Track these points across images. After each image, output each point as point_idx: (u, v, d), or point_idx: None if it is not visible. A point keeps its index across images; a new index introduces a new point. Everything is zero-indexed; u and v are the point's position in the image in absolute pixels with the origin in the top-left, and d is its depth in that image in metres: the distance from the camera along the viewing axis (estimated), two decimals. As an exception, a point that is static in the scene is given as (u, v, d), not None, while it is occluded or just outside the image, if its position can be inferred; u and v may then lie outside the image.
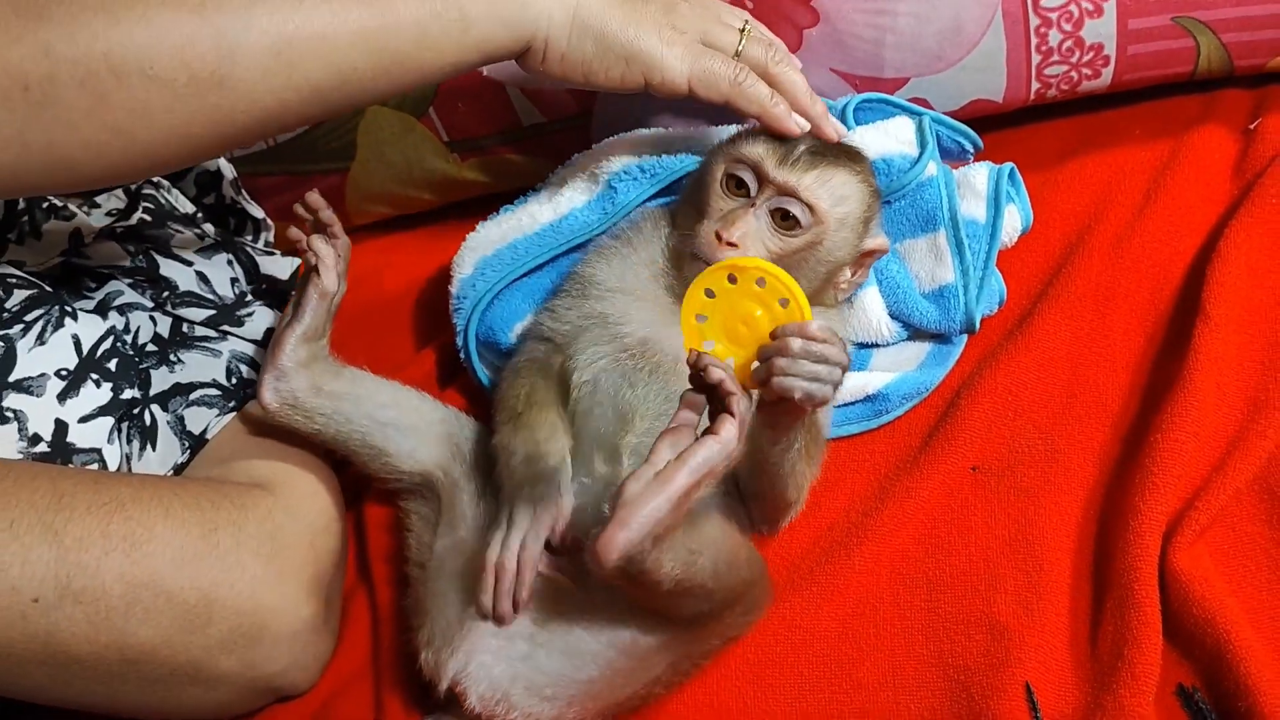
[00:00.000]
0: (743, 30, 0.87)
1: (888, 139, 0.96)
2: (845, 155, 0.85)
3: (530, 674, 0.76)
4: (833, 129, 0.87)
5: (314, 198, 0.87)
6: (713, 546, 0.70)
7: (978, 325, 0.93)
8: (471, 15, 0.79)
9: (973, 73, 1.03)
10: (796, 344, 0.66)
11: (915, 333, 0.95)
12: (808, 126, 0.85)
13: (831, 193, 0.82)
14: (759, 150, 0.82)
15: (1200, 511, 0.79)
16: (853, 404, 0.92)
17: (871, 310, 0.93)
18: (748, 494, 0.82)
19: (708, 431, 0.65)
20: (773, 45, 0.89)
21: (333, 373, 0.87)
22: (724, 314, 0.70)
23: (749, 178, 0.82)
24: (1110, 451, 0.87)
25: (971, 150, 1.01)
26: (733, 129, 0.99)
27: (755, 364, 0.69)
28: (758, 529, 0.85)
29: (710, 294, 0.70)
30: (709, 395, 0.67)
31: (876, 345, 0.95)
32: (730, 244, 0.80)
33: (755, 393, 0.69)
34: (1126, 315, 0.93)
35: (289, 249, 1.10)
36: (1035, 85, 1.04)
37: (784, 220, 0.82)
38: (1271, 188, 0.95)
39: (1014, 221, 0.97)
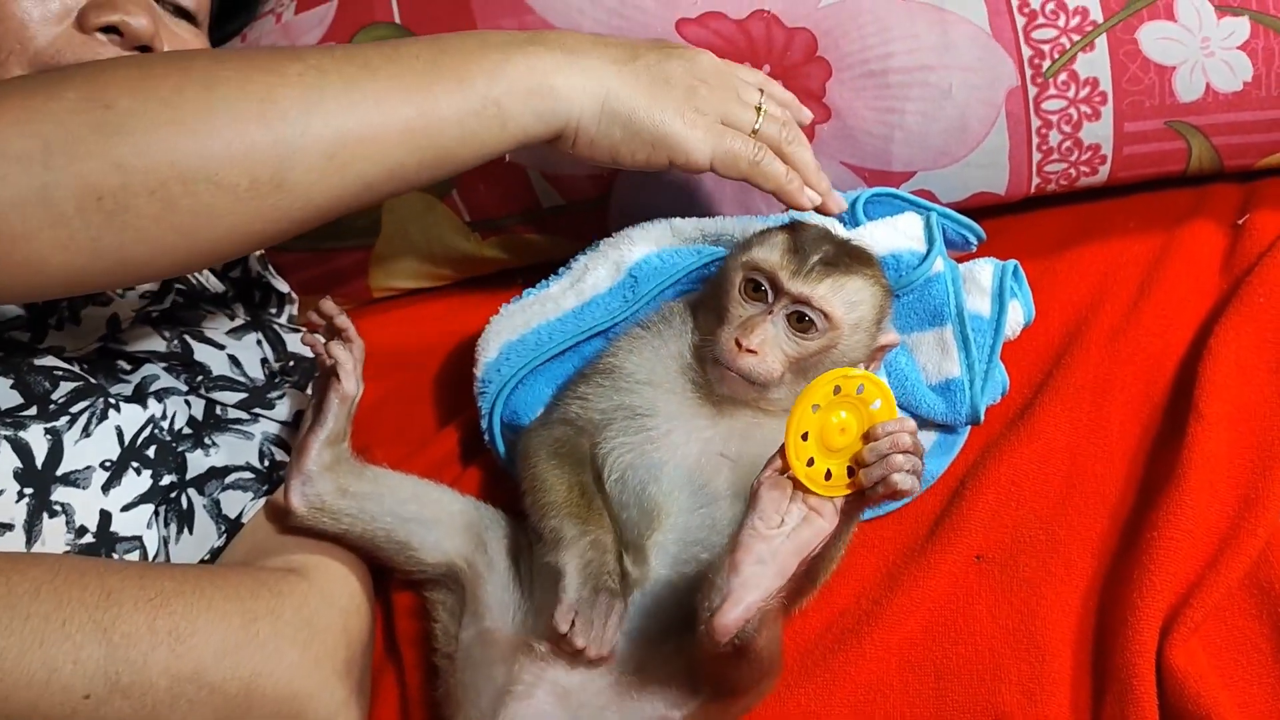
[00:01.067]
0: (759, 109, 0.93)
1: (897, 235, 1.00)
2: (857, 260, 0.88)
3: None
4: (836, 204, 0.96)
5: (328, 305, 0.91)
6: (777, 619, 0.75)
7: (982, 418, 0.97)
8: (509, 111, 0.85)
9: (976, 168, 1.07)
10: (906, 439, 0.70)
11: (922, 422, 0.99)
12: (819, 200, 0.93)
13: (845, 299, 0.86)
14: (774, 260, 0.85)
15: (1195, 608, 0.83)
16: (862, 491, 0.96)
17: (880, 402, 0.97)
18: None
19: (811, 511, 0.70)
20: (786, 124, 0.94)
21: (356, 474, 0.90)
22: (824, 425, 0.72)
23: (766, 284, 0.86)
24: (1108, 543, 0.90)
25: (975, 242, 1.05)
26: (748, 219, 1.03)
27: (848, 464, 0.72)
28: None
29: (816, 408, 0.72)
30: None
31: (884, 434, 0.99)
32: (750, 350, 0.83)
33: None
34: (1123, 407, 0.97)
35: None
36: (1036, 180, 1.08)
37: (800, 323, 0.85)
38: (1259, 286, 0.99)
39: (1017, 317, 1.01)
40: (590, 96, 0.87)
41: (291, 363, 1.07)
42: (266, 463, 0.97)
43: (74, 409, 0.87)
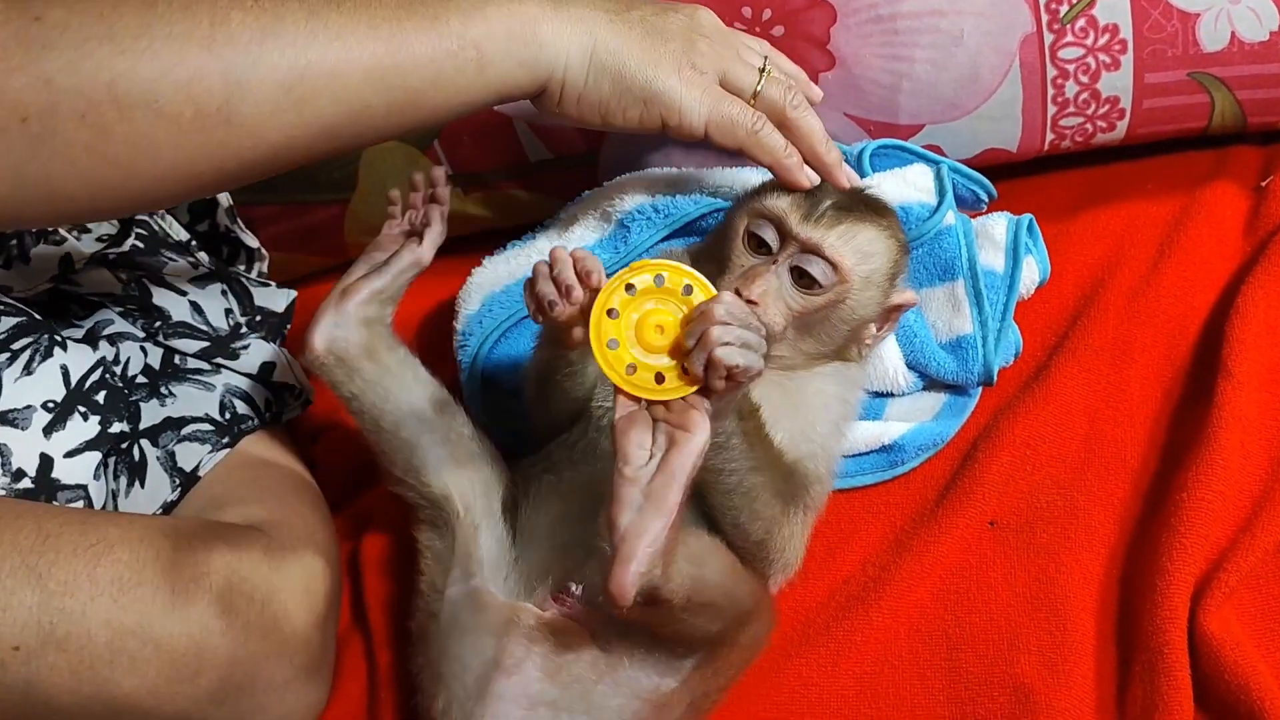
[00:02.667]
0: (762, 69, 0.85)
1: (906, 186, 0.95)
2: (872, 210, 0.83)
3: None
4: (845, 178, 0.85)
5: (439, 173, 0.87)
6: (712, 556, 0.69)
7: (995, 378, 0.91)
8: (488, 55, 0.77)
9: (988, 121, 1.02)
10: (720, 310, 0.61)
11: (931, 383, 0.93)
12: (818, 180, 0.83)
13: (856, 250, 0.80)
14: (783, 205, 0.80)
15: (1229, 573, 0.77)
16: (867, 454, 0.90)
17: (888, 359, 0.91)
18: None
19: (676, 430, 0.61)
20: (791, 88, 0.86)
21: (390, 345, 0.83)
22: (634, 329, 0.63)
23: (770, 235, 0.80)
24: (1131, 509, 0.85)
25: (986, 199, 1.00)
26: (747, 171, 0.98)
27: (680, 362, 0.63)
28: None
29: (613, 313, 0.63)
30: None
31: (891, 395, 0.93)
32: (750, 302, 0.77)
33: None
34: (1144, 370, 0.92)
35: (284, 280, 1.07)
36: (1050, 136, 1.03)
37: (804, 278, 0.79)
38: (1288, 244, 0.95)
39: (1031, 274, 0.95)
40: (578, 46, 0.80)
41: (259, 317, 1.00)
42: (227, 415, 0.90)
43: (15, 345, 0.80)
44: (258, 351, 0.94)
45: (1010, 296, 0.93)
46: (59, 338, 0.83)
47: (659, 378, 0.63)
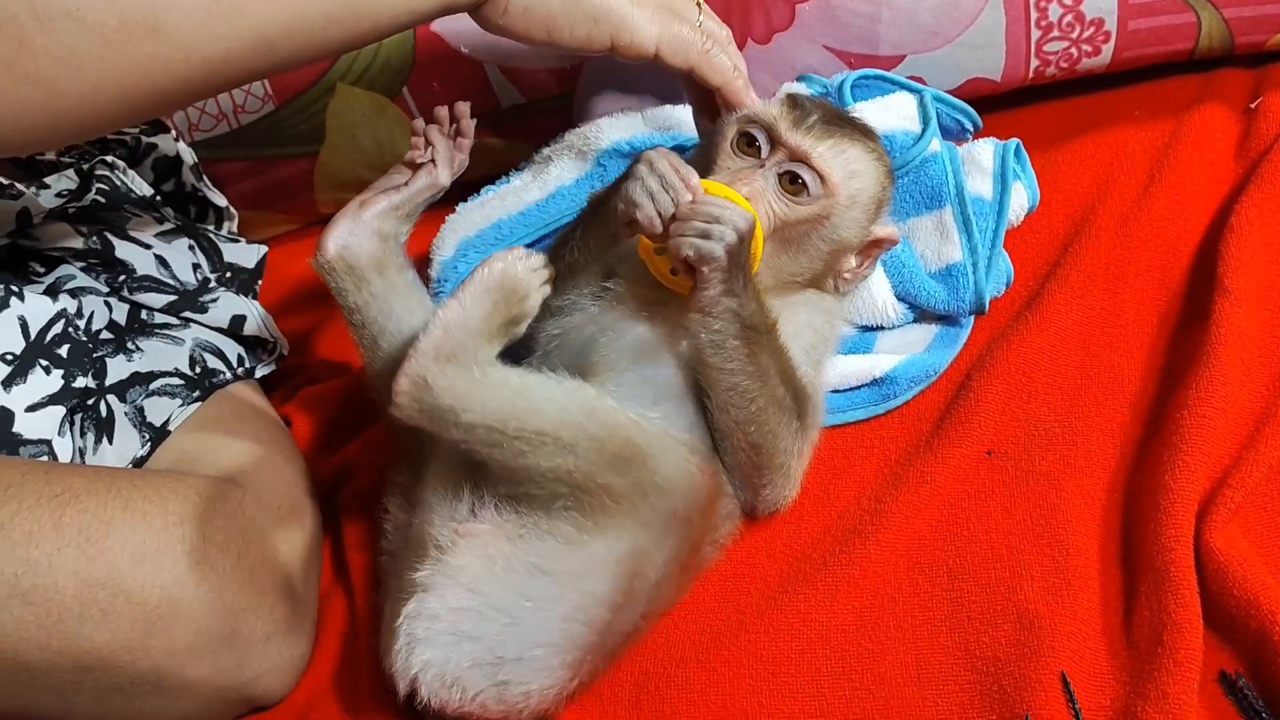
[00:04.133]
0: (699, 5, 0.84)
1: (889, 114, 0.93)
2: (860, 131, 0.82)
3: (473, 647, 0.69)
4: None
5: (462, 107, 0.84)
6: (551, 417, 0.68)
7: (987, 306, 0.89)
8: None
9: (970, 49, 0.99)
10: (684, 208, 0.70)
11: (921, 314, 0.91)
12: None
13: (845, 165, 0.79)
14: (774, 111, 0.79)
15: (1233, 489, 0.75)
16: (859, 388, 0.88)
17: (877, 291, 0.89)
18: (723, 451, 0.78)
19: None
20: (725, 27, 0.87)
21: (400, 264, 0.82)
22: None
23: (761, 138, 0.78)
24: (1131, 432, 0.83)
25: (971, 129, 0.98)
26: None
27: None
28: (745, 501, 0.80)
29: None
30: None
31: (882, 328, 0.91)
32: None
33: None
34: (1138, 294, 0.90)
35: (255, 237, 1.04)
36: (1034, 63, 1.01)
37: (793, 184, 0.78)
38: (1281, 163, 0.93)
39: (1021, 200, 0.93)
40: None
41: (229, 274, 0.97)
42: (198, 369, 0.87)
43: (-31, 296, 0.77)
44: (227, 305, 0.91)
45: (1000, 223, 0.91)
46: (15, 288, 0.79)
47: (674, 270, 0.74)
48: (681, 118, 0.96)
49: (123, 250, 0.89)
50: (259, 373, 0.92)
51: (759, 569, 0.80)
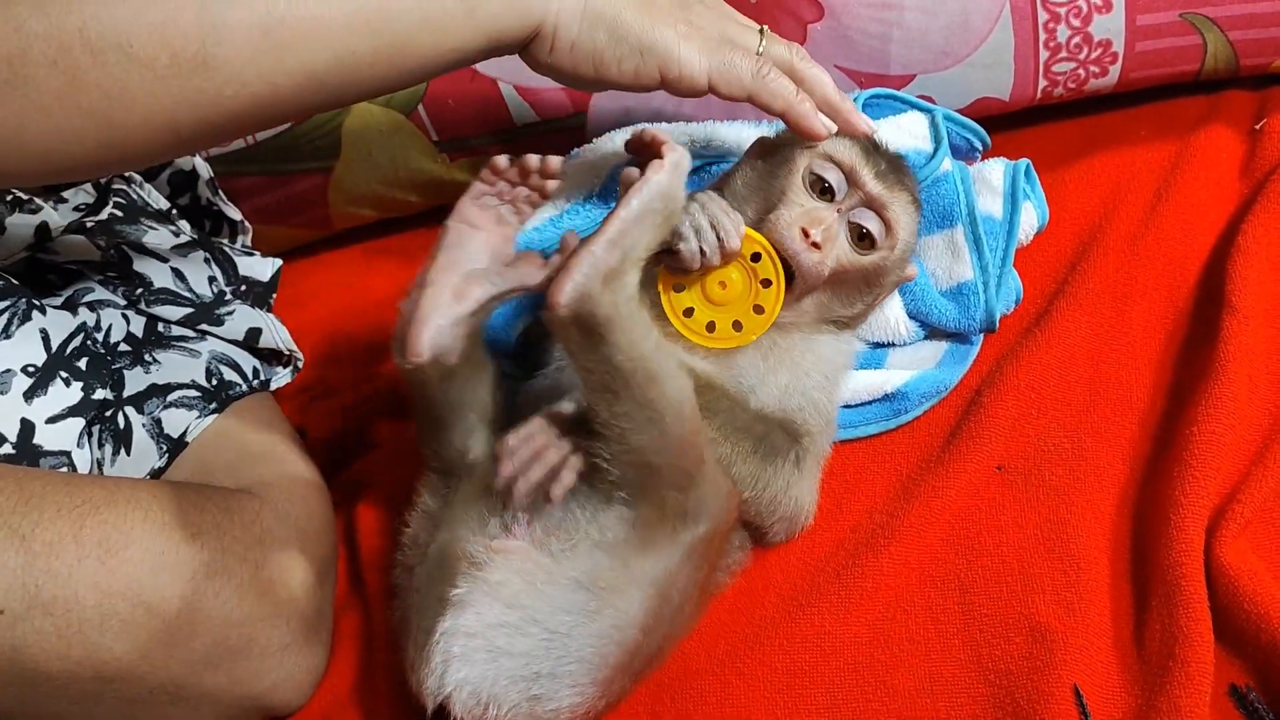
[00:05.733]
0: (761, 31, 0.82)
1: (902, 134, 0.94)
2: (910, 177, 0.82)
3: (510, 663, 0.69)
4: (864, 124, 0.83)
5: (555, 163, 0.77)
6: (668, 393, 0.68)
7: (997, 324, 0.90)
8: None
9: (980, 69, 1.01)
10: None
11: (932, 331, 0.92)
12: (835, 129, 0.80)
13: (909, 216, 0.80)
14: (854, 155, 0.79)
15: (1243, 504, 0.76)
16: (870, 403, 0.88)
17: (889, 309, 0.90)
18: None
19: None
20: (793, 49, 0.83)
21: (479, 346, 0.77)
22: (702, 280, 0.76)
23: (836, 180, 0.79)
24: (1139, 448, 0.84)
25: (981, 148, 0.99)
26: (739, 125, 0.96)
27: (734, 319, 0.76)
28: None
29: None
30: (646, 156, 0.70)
31: (893, 344, 0.92)
32: (815, 245, 0.76)
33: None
34: (1145, 312, 0.91)
35: (269, 250, 1.05)
36: (1042, 83, 1.02)
37: (860, 235, 0.79)
38: (1287, 184, 0.94)
39: (1030, 219, 0.94)
40: None
41: (244, 287, 0.98)
42: (214, 381, 0.88)
43: (-7, 308, 0.78)
44: (243, 317, 0.92)
45: (1010, 242, 0.92)
46: (37, 302, 0.80)
47: (710, 326, 0.77)
48: (694, 133, 0.96)
49: (140, 263, 0.90)
50: (274, 385, 0.93)
51: (773, 582, 0.80)
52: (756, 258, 0.75)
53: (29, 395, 0.77)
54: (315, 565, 0.78)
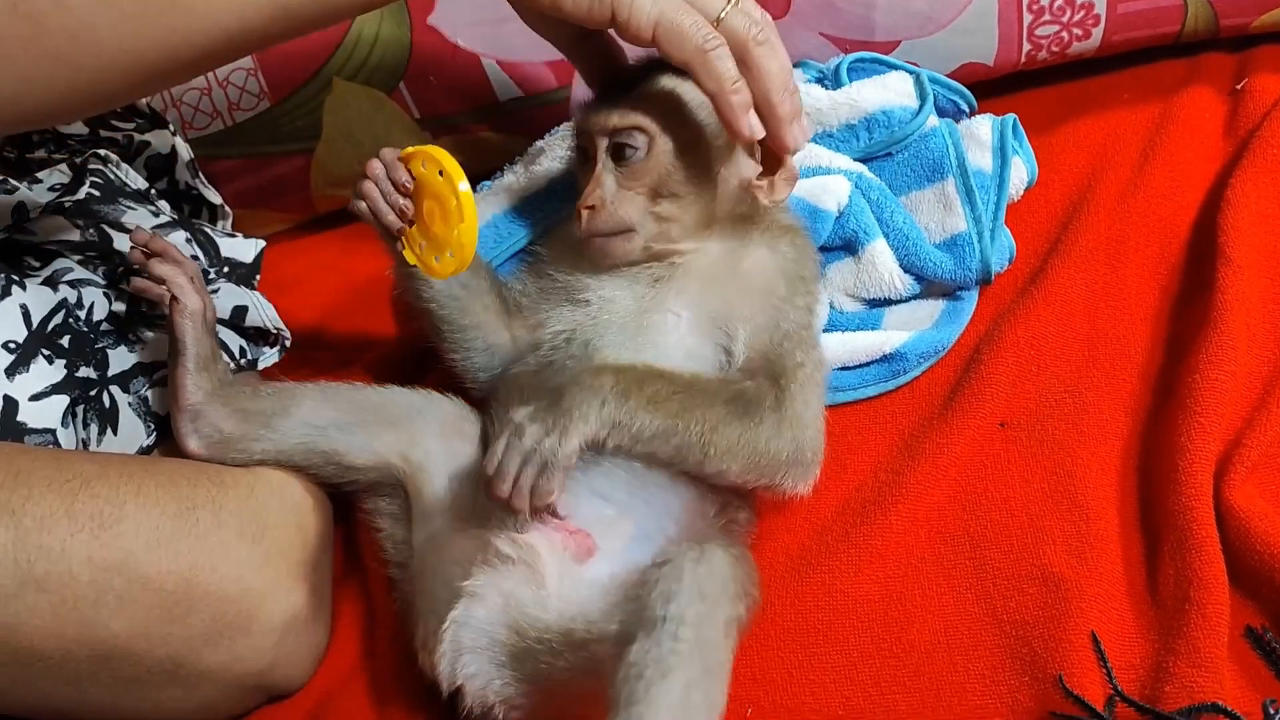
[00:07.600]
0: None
1: (886, 92, 0.94)
2: (659, 69, 0.79)
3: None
4: (796, 136, 0.75)
5: (139, 234, 0.81)
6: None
7: (993, 275, 0.90)
8: None
9: (964, 34, 1.01)
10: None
11: (927, 289, 0.91)
12: (761, 133, 0.73)
13: (645, 104, 0.77)
14: (580, 115, 0.80)
15: (1249, 449, 0.76)
16: (869, 364, 0.88)
17: (882, 263, 0.90)
18: None
19: None
20: (760, 25, 0.74)
21: (250, 394, 0.79)
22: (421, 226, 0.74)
23: (584, 141, 0.79)
24: (1141, 400, 0.83)
25: (967, 110, 0.99)
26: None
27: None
28: None
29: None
30: None
31: (889, 302, 0.91)
32: (589, 208, 0.77)
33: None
34: (1139, 267, 0.91)
35: (251, 233, 1.03)
36: (1026, 47, 1.02)
37: (621, 156, 0.77)
38: (1272, 138, 0.94)
39: (1020, 173, 0.94)
40: None
41: (226, 268, 0.95)
42: (201, 360, 0.85)
43: (-29, 284, 0.75)
44: (228, 296, 0.90)
45: (1001, 195, 0.92)
46: (15, 277, 0.78)
47: (451, 254, 0.71)
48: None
49: (120, 242, 0.87)
50: (262, 363, 0.90)
51: (780, 542, 0.79)
52: (442, 172, 0.71)
53: (10, 372, 0.74)
54: (313, 539, 0.76)
